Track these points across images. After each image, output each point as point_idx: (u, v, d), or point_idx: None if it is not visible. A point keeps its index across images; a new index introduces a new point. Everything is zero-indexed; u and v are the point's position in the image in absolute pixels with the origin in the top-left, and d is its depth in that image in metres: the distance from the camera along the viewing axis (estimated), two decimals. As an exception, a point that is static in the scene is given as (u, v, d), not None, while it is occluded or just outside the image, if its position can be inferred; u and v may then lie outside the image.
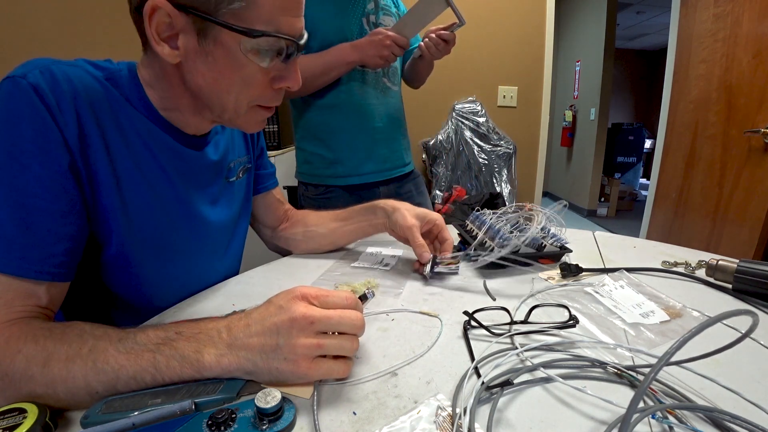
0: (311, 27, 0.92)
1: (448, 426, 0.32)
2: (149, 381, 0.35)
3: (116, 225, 0.49)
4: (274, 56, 0.46)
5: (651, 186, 2.09)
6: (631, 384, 0.38)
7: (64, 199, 0.43)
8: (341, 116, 1.03)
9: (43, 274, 0.41)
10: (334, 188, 1.07)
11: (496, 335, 0.45)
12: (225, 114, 0.50)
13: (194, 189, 0.58)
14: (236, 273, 0.73)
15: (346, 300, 0.39)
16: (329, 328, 0.36)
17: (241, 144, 0.69)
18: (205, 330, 0.36)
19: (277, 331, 0.35)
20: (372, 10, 1.02)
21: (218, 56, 0.44)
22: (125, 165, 0.48)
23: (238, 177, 0.67)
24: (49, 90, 0.41)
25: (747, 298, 0.55)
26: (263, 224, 0.80)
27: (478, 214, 0.72)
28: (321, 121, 1.05)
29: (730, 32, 1.50)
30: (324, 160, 1.06)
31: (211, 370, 0.35)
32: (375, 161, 1.08)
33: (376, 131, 1.06)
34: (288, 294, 0.37)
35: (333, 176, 1.07)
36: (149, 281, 0.55)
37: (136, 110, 0.49)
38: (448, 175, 2.48)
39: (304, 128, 1.08)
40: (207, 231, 0.61)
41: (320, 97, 1.03)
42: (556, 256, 0.67)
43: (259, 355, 0.35)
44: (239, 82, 0.46)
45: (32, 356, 0.35)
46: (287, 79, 0.49)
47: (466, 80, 2.49)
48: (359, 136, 1.05)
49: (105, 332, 0.37)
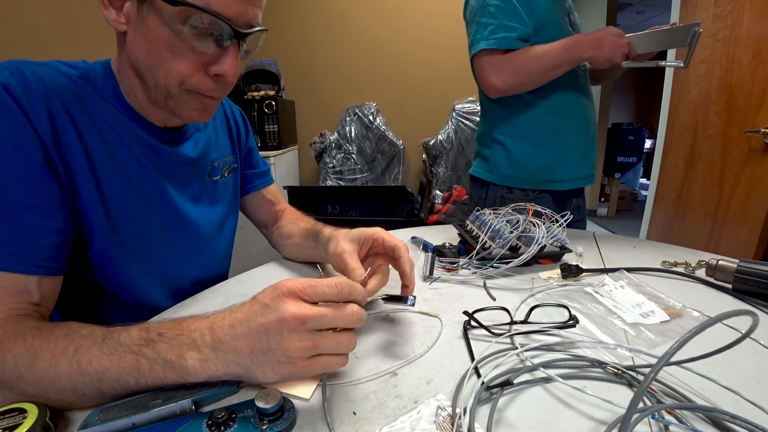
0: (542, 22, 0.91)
1: (448, 426, 0.32)
2: (132, 384, 0.34)
3: (97, 221, 0.49)
4: (205, 35, 0.44)
5: (651, 186, 2.08)
6: (631, 384, 0.38)
7: (45, 194, 0.43)
8: (565, 119, 0.98)
9: (32, 268, 0.41)
10: (545, 193, 1.00)
11: (496, 335, 0.45)
12: (158, 92, 0.47)
13: (173, 185, 0.58)
14: (226, 272, 0.73)
15: (337, 288, 0.34)
16: (323, 327, 0.33)
17: (227, 143, 0.69)
18: (187, 331, 0.34)
19: (266, 332, 0.32)
20: (570, 9, 1.00)
21: (151, 25, 0.43)
22: (102, 160, 0.49)
23: (222, 176, 0.67)
24: (20, 88, 0.42)
25: (747, 298, 0.55)
26: (257, 223, 0.80)
27: (478, 214, 0.72)
28: (542, 123, 0.98)
29: (730, 32, 1.50)
30: (539, 164, 0.99)
31: (196, 376, 0.33)
32: (588, 166, 1.03)
33: (589, 136, 1.02)
34: (273, 290, 0.34)
35: (549, 181, 0.99)
36: (136, 279, 0.55)
37: (110, 104, 0.49)
38: (448, 175, 2.48)
39: (518, 128, 1.00)
40: (190, 228, 0.61)
41: (544, 97, 0.96)
42: (556, 256, 0.67)
43: (249, 358, 0.33)
44: (169, 55, 0.44)
45: (20, 356, 0.34)
46: (220, 65, 0.46)
47: (466, 80, 2.48)
48: (578, 140, 1.00)
49: (91, 331, 0.36)
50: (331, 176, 2.51)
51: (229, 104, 0.73)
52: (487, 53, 0.91)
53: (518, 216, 0.68)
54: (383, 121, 2.53)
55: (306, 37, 2.53)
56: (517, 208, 0.71)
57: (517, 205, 0.73)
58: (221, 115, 0.70)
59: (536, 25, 0.90)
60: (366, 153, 2.54)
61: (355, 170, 2.52)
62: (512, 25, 0.88)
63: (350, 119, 2.54)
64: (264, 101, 2.09)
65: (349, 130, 2.53)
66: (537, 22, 0.90)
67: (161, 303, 0.58)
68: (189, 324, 0.35)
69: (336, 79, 2.58)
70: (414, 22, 2.45)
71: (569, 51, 0.88)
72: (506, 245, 0.63)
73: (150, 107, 0.52)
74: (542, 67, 0.89)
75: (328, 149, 2.52)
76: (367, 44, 2.51)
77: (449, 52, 2.47)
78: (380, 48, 2.51)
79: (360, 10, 2.47)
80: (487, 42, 0.90)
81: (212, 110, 0.52)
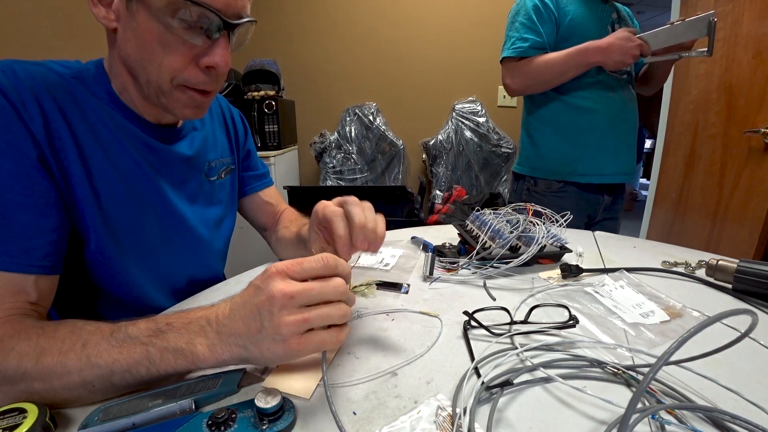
0: (571, 30, 1.03)
1: (448, 426, 0.32)
2: (144, 374, 0.34)
3: (92, 219, 0.49)
4: (194, 28, 0.44)
5: (651, 186, 2.08)
6: (631, 384, 0.37)
7: (38, 193, 0.43)
8: (589, 116, 1.06)
9: (27, 267, 0.41)
10: (569, 185, 1.10)
11: (496, 335, 0.45)
12: (150, 89, 0.47)
13: (169, 184, 0.57)
14: (222, 273, 0.73)
15: (323, 262, 0.36)
16: (311, 300, 0.34)
17: (225, 144, 0.69)
18: (194, 319, 0.36)
19: (258, 312, 0.33)
20: (616, 20, 1.08)
21: (140, 20, 0.43)
22: (96, 158, 0.48)
23: (219, 177, 0.66)
24: (12, 87, 0.42)
25: (747, 298, 0.55)
26: (256, 226, 0.80)
27: (478, 214, 0.72)
28: (566, 118, 1.08)
29: (730, 32, 1.50)
30: (562, 156, 1.09)
31: (206, 361, 0.34)
32: (619, 163, 1.09)
33: (619, 134, 1.08)
34: (264, 273, 0.35)
35: (572, 173, 1.09)
36: (132, 277, 0.55)
37: (103, 103, 0.49)
38: (448, 175, 2.48)
39: (543, 122, 1.12)
40: (186, 228, 0.61)
41: (567, 94, 1.07)
42: (556, 256, 0.67)
43: (247, 339, 0.34)
44: (160, 50, 0.44)
45: (25, 353, 0.35)
46: (211, 56, 0.46)
47: (466, 80, 2.49)
48: (605, 137, 1.07)
49: (97, 327, 0.37)
50: (331, 176, 2.50)
51: (228, 106, 0.73)
52: (507, 60, 1.11)
53: (518, 216, 0.68)
54: (383, 121, 2.53)
55: (306, 37, 2.53)
56: (518, 208, 0.71)
57: (517, 205, 0.73)
58: (220, 117, 0.70)
59: (563, 34, 1.05)
60: (366, 153, 2.53)
61: (355, 170, 2.52)
62: (528, 36, 1.06)
63: (350, 119, 2.54)
64: (264, 101, 2.08)
65: (349, 130, 2.53)
66: (564, 32, 1.04)
67: (158, 302, 0.58)
68: (195, 313, 0.37)
69: (336, 79, 2.58)
70: (414, 22, 2.45)
71: (575, 58, 1.00)
72: (506, 245, 0.63)
73: (143, 104, 0.52)
74: (550, 72, 1.04)
75: (328, 149, 2.52)
76: (367, 44, 2.51)
77: (449, 52, 2.47)
78: (380, 48, 2.51)
79: (360, 10, 2.47)
80: (507, 51, 1.10)
81: (205, 107, 0.52)
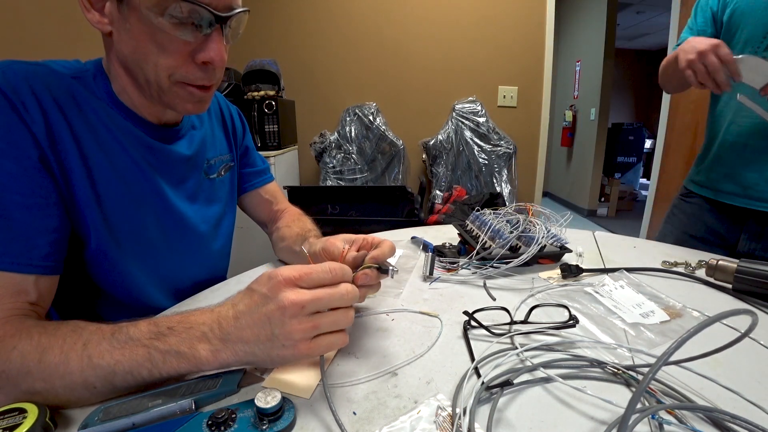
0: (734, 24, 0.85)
1: (448, 426, 0.32)
2: (146, 375, 0.35)
3: (92, 219, 0.49)
4: (186, 24, 0.44)
5: (651, 186, 2.09)
6: (631, 384, 0.37)
7: (40, 193, 0.43)
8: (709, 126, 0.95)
9: (28, 267, 0.41)
10: (694, 195, 0.98)
11: (496, 335, 0.45)
12: (150, 88, 0.48)
13: (169, 183, 0.57)
14: (224, 271, 0.73)
15: (331, 273, 0.37)
16: (321, 309, 0.35)
17: (223, 141, 0.69)
18: (196, 325, 0.36)
19: (269, 321, 0.34)
20: None
21: (133, 21, 0.43)
22: (96, 158, 0.49)
23: (219, 175, 0.66)
24: (12, 88, 0.42)
25: (747, 298, 0.55)
26: (257, 222, 0.80)
27: (478, 214, 0.72)
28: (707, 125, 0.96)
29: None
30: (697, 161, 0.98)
31: (209, 364, 0.35)
32: (737, 184, 0.87)
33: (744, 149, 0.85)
34: (269, 280, 0.35)
35: (692, 181, 0.99)
36: (133, 277, 0.55)
37: (103, 103, 0.49)
38: (448, 175, 2.48)
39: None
40: (186, 227, 0.61)
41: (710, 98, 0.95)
42: (556, 256, 0.67)
43: (256, 346, 0.35)
44: (155, 50, 0.44)
45: (27, 352, 0.35)
46: (206, 52, 0.46)
47: (466, 80, 2.49)
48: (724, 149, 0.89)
49: (98, 327, 0.37)
50: (331, 176, 2.50)
51: (226, 103, 0.73)
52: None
53: (518, 216, 0.68)
54: (383, 121, 2.53)
55: (306, 37, 2.53)
56: (518, 208, 0.71)
57: (517, 205, 0.73)
58: (218, 114, 0.70)
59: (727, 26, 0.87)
60: (366, 153, 2.53)
61: (355, 170, 2.52)
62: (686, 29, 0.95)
63: (350, 119, 2.54)
64: (264, 101, 2.08)
65: (349, 130, 2.53)
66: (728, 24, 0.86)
67: (159, 302, 0.58)
68: (197, 317, 0.37)
69: (336, 79, 2.58)
70: (414, 21, 2.45)
71: (673, 58, 0.85)
72: (506, 245, 0.63)
73: (143, 104, 0.52)
74: (662, 69, 0.95)
75: (328, 149, 2.52)
76: (367, 44, 2.51)
77: (449, 52, 2.47)
78: (381, 48, 2.51)
79: (360, 10, 2.47)
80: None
81: (207, 101, 0.52)
